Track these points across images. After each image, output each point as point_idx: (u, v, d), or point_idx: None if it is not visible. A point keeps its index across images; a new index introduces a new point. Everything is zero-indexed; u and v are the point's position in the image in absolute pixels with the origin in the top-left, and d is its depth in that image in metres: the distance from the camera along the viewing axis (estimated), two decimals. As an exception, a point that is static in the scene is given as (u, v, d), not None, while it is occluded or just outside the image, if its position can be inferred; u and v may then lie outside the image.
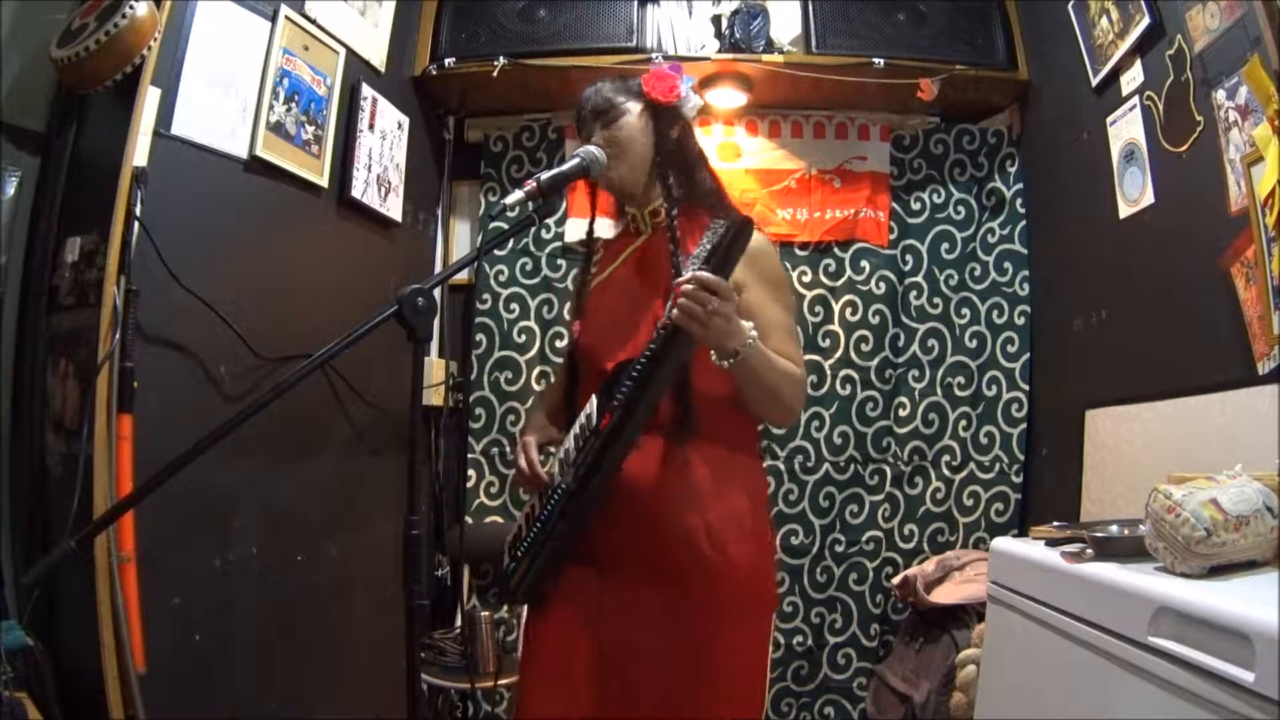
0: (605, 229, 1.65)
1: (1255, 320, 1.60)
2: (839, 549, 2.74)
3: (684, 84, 1.50)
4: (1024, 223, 2.77)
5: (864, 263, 2.79)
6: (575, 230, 2.73)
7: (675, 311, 1.23)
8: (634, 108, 1.48)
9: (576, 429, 1.38)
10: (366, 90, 2.33)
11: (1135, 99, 2.06)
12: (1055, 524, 1.45)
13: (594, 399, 1.37)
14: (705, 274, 1.22)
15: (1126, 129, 2.10)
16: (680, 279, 1.25)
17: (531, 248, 2.84)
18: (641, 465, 1.37)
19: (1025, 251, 2.76)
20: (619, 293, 1.52)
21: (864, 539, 2.74)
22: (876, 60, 2.56)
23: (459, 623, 2.65)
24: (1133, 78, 2.07)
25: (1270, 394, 1.53)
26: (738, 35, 2.64)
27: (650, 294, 1.45)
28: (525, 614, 1.48)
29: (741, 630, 1.41)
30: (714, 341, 1.27)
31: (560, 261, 2.81)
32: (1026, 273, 2.75)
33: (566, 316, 2.65)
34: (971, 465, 2.73)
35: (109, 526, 1.44)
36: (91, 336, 1.56)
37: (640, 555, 1.38)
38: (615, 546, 1.39)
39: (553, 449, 1.49)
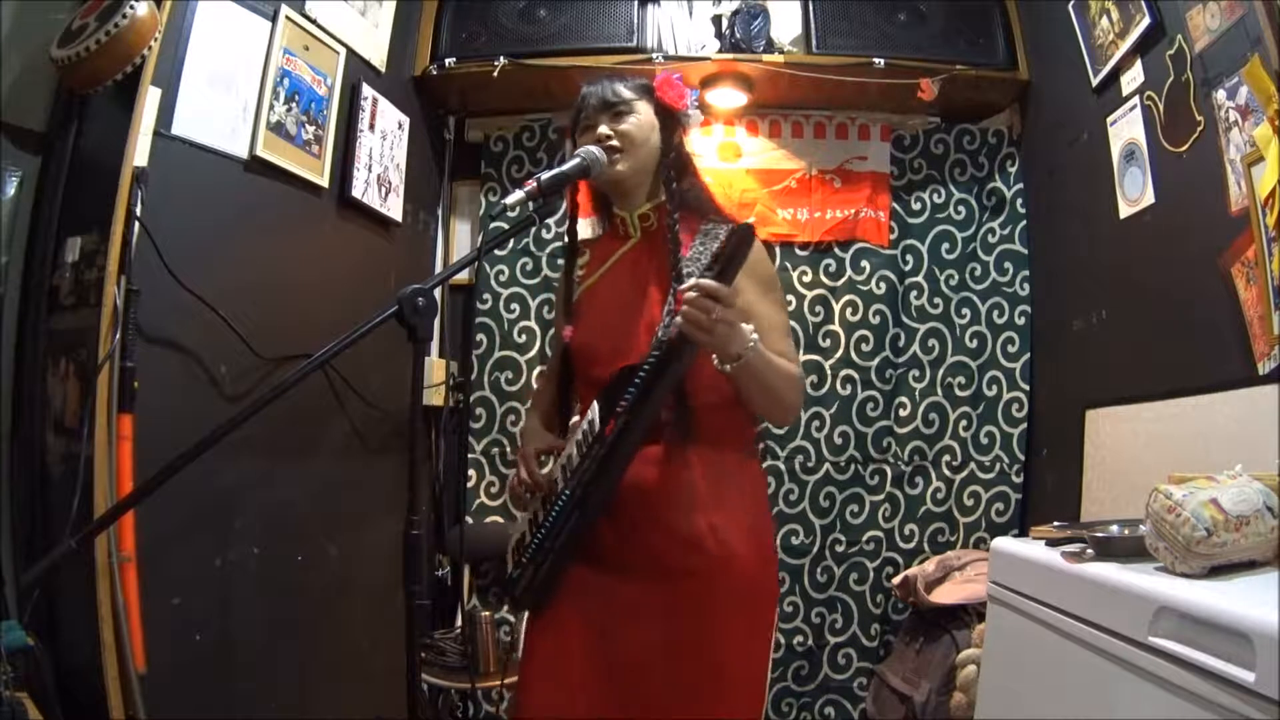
0: (583, 229, 1.64)
1: (1255, 320, 1.60)
2: (839, 549, 2.74)
3: (690, 95, 1.53)
4: (1024, 223, 2.77)
5: (864, 263, 2.79)
6: (585, 232, 2.72)
7: (679, 319, 1.22)
8: (644, 106, 1.48)
9: (579, 435, 1.37)
10: (367, 90, 2.33)
11: (1135, 99, 2.06)
12: (1055, 524, 1.45)
13: (595, 405, 1.36)
14: (708, 281, 1.20)
15: (1127, 129, 2.10)
16: (683, 286, 1.24)
17: (532, 248, 2.84)
18: (644, 468, 1.37)
19: (1025, 251, 2.76)
20: (611, 297, 1.50)
21: (864, 539, 2.74)
22: (877, 60, 2.56)
23: (459, 623, 2.65)
24: (1133, 78, 2.07)
25: (1270, 394, 1.53)
26: (738, 35, 2.64)
27: (645, 298, 1.45)
28: (527, 616, 1.48)
29: (746, 631, 1.41)
30: (717, 347, 1.26)
31: (561, 261, 2.80)
32: (1026, 273, 2.75)
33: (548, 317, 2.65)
34: (972, 465, 2.73)
35: (109, 526, 1.44)
36: (92, 336, 1.56)
37: (645, 557, 1.38)
38: (620, 549, 1.39)
39: (554, 456, 1.47)
